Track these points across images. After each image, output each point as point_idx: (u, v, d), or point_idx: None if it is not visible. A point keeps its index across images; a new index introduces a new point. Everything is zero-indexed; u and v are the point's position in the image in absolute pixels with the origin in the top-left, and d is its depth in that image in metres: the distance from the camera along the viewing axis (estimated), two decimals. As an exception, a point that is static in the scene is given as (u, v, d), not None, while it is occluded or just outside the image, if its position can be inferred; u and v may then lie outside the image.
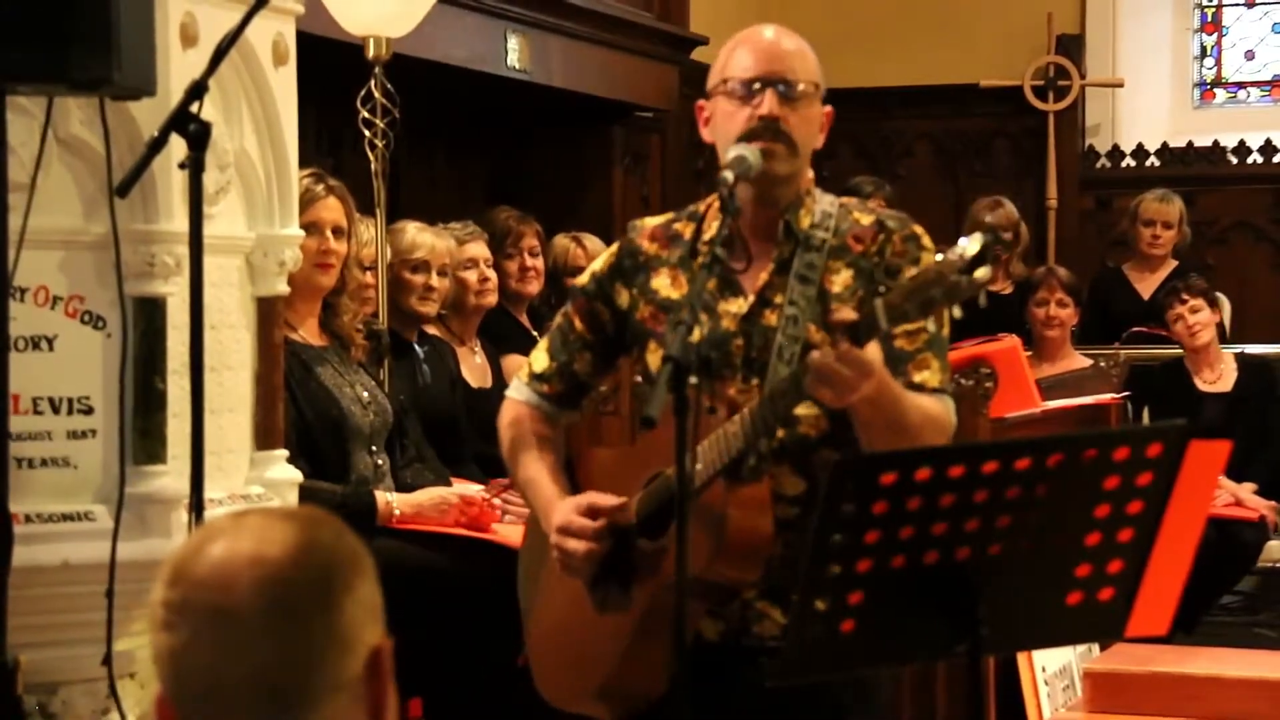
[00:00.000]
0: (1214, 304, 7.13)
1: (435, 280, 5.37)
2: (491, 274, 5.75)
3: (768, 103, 2.92)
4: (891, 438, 2.80)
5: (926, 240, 3.00)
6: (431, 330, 5.53)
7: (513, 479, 3.34)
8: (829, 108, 3.04)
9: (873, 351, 2.71)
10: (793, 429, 2.95)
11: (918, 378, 2.92)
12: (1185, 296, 7.07)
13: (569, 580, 3.06)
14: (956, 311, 2.60)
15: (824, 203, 3.03)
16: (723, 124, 2.98)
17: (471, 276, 5.64)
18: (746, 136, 2.92)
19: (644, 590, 2.95)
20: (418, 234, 5.42)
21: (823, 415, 2.93)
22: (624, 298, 3.11)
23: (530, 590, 3.26)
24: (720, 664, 2.96)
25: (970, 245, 2.49)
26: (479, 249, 5.72)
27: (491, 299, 5.75)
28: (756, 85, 2.94)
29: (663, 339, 3.02)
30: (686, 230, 3.09)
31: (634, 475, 3.01)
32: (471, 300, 5.67)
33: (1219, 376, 7.16)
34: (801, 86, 2.95)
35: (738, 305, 2.98)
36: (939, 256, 2.55)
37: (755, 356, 2.96)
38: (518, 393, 3.23)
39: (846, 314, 2.70)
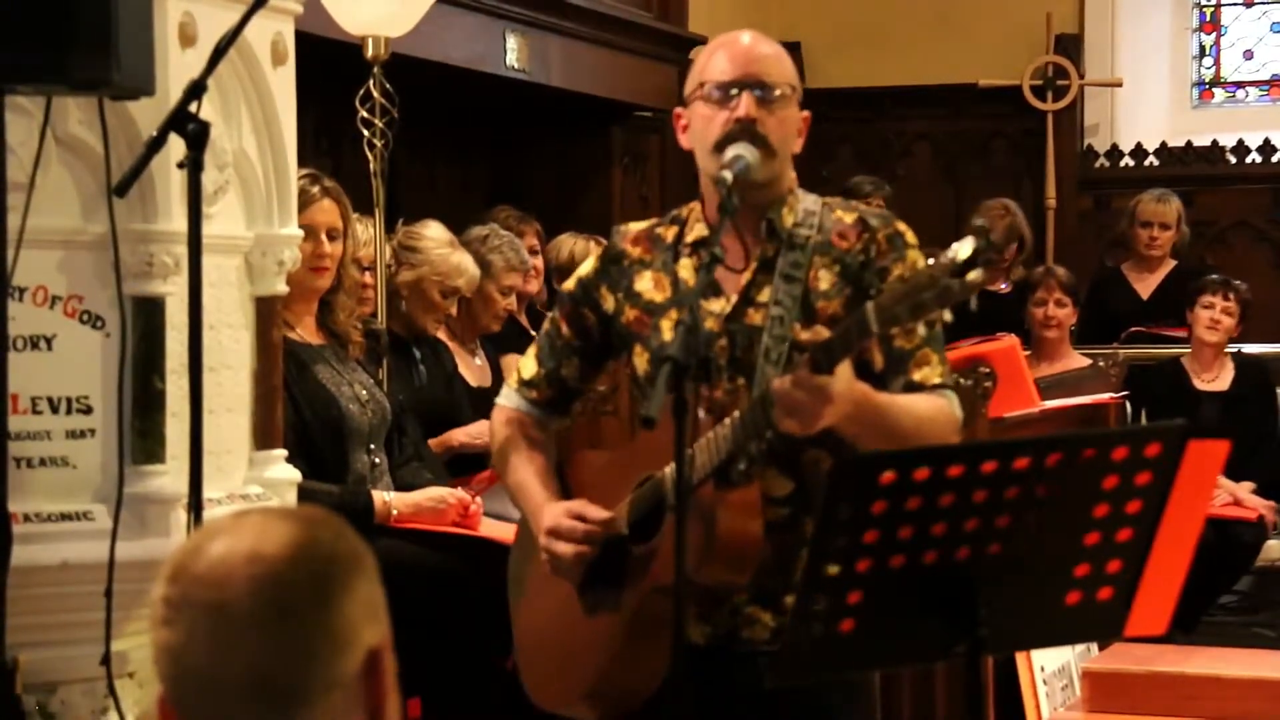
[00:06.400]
0: (1246, 316, 7.12)
1: (454, 308, 5.39)
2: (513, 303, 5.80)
3: (744, 105, 2.92)
4: (889, 447, 2.79)
5: (910, 236, 3.00)
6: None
7: (503, 484, 3.34)
8: (806, 112, 3.03)
9: (843, 372, 2.70)
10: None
11: (917, 375, 2.92)
12: (1227, 294, 7.04)
13: (558, 583, 3.06)
14: (947, 316, 2.59)
15: (806, 201, 3.03)
16: (700, 129, 2.97)
17: (500, 301, 5.66)
18: (724, 140, 2.92)
19: (634, 593, 2.95)
20: (464, 260, 5.37)
21: None
22: (609, 302, 3.11)
23: (518, 593, 3.26)
24: (708, 669, 2.94)
25: (962, 248, 2.49)
26: (516, 280, 5.74)
27: (498, 325, 5.77)
28: (733, 89, 2.93)
29: (648, 341, 3.03)
30: (669, 234, 3.10)
31: (625, 478, 3.01)
32: (487, 322, 5.68)
33: (1216, 376, 7.16)
34: (778, 90, 2.95)
35: (720, 305, 2.98)
36: (930, 260, 2.55)
37: (740, 356, 2.95)
38: (507, 399, 3.22)
39: (817, 333, 2.70)
